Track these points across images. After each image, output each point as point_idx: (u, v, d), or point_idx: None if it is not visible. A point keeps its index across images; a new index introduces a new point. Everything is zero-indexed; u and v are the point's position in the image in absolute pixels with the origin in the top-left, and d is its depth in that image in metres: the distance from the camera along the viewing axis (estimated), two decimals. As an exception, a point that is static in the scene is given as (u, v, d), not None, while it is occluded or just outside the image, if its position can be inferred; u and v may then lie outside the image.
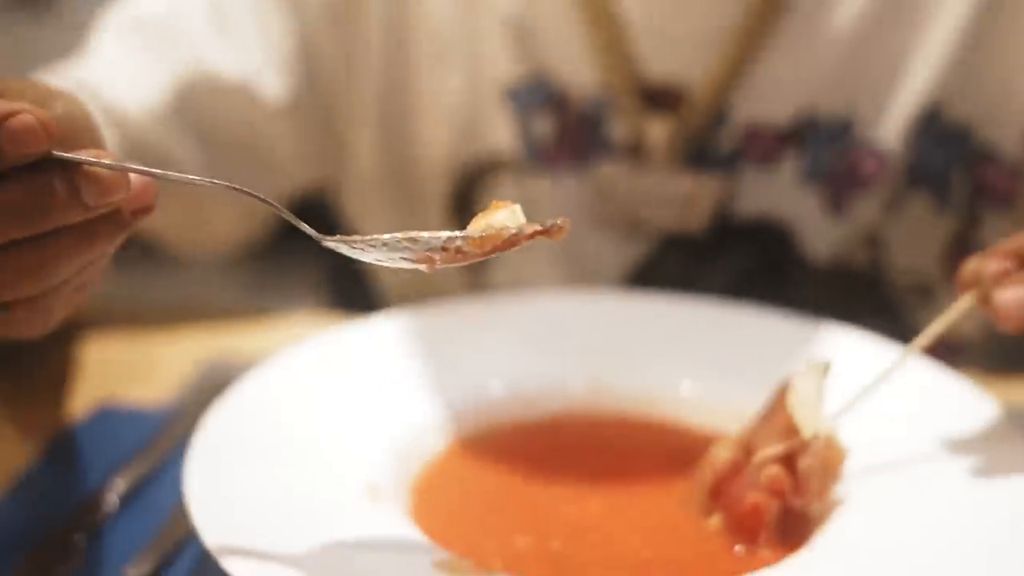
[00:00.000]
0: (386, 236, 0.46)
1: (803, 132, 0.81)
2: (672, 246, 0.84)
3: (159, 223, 0.83)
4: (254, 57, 0.84)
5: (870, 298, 0.84)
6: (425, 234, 0.46)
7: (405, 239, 0.46)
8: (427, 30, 0.85)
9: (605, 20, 0.80)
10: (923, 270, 0.83)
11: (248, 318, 0.83)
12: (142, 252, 0.82)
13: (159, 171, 0.45)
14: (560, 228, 0.48)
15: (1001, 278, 0.54)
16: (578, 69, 0.82)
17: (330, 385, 0.63)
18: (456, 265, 0.47)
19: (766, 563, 0.52)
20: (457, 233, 0.46)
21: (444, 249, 0.46)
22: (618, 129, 0.82)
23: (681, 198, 0.82)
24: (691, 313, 0.72)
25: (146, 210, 0.46)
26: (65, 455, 0.65)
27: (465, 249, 0.46)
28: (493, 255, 0.47)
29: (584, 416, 0.66)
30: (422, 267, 0.46)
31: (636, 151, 0.82)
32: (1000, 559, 0.48)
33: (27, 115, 0.41)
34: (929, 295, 0.84)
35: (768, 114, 0.81)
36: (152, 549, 0.54)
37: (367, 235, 0.47)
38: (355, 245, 0.47)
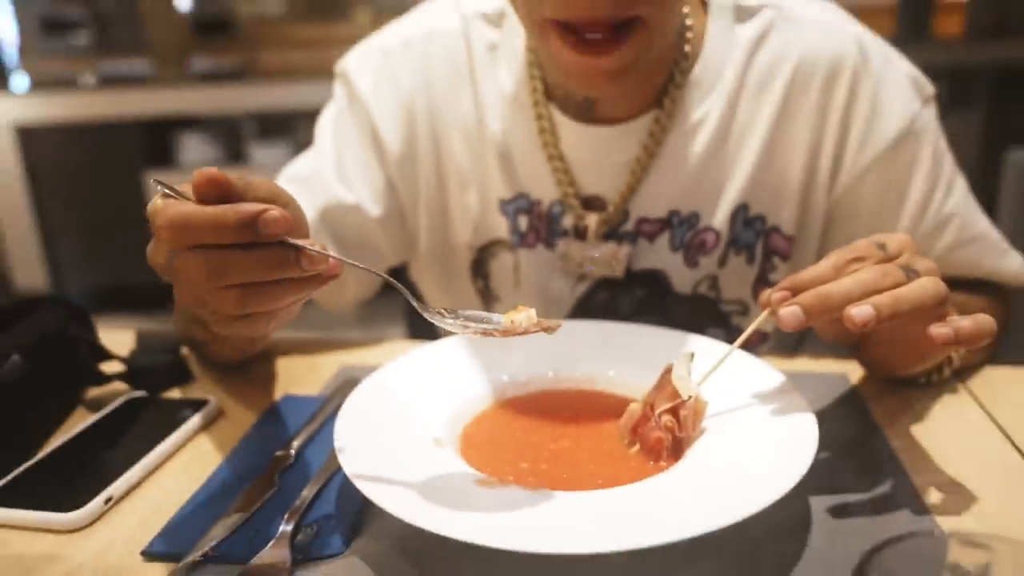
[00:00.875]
0: (452, 321, 0.49)
1: (671, 221, 0.78)
2: (602, 286, 0.81)
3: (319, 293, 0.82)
4: (362, 191, 0.81)
5: (713, 315, 0.81)
6: (473, 323, 0.49)
7: (463, 322, 0.49)
8: (453, 166, 0.82)
9: (558, 159, 0.77)
10: (742, 298, 0.80)
11: (364, 343, 0.81)
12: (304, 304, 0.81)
13: (346, 259, 0.47)
14: (554, 328, 0.50)
15: (782, 300, 0.52)
16: (544, 188, 0.79)
17: (414, 380, 0.62)
18: (488, 337, 0.49)
19: (664, 470, 0.51)
20: (494, 326, 0.49)
21: (484, 332, 0.48)
22: (568, 221, 0.79)
23: (607, 259, 0.79)
24: (612, 329, 0.70)
25: (334, 276, 0.46)
26: (267, 424, 0.64)
27: (495, 333, 0.48)
28: (511, 337, 0.49)
29: (555, 391, 0.65)
30: (471, 334, 0.49)
31: (580, 233, 0.79)
32: (784, 458, 0.48)
33: (276, 210, 0.42)
34: (746, 312, 0.81)
35: (651, 212, 0.78)
36: (317, 478, 0.54)
37: (441, 308, 0.50)
38: (438, 319, 0.49)
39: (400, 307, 0.62)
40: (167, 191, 0.45)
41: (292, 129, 3.31)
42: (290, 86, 3.13)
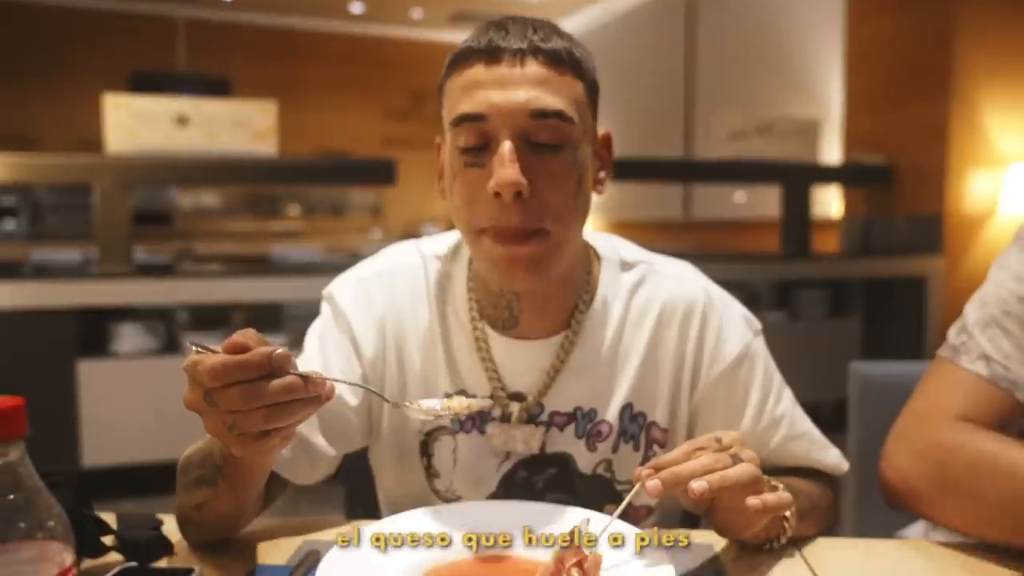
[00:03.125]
0: (424, 413, 0.77)
1: (576, 415, 0.97)
2: (521, 466, 0.97)
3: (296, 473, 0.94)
4: (344, 388, 0.96)
5: (609, 492, 0.98)
6: (425, 413, 0.77)
7: (423, 412, 0.76)
8: (411, 368, 1.00)
9: (490, 363, 0.96)
10: (631, 479, 0.91)
11: (316, 525, 0.92)
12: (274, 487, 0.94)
13: (338, 379, 0.69)
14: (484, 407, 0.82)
15: (648, 475, 0.71)
16: (479, 386, 0.97)
17: (363, 554, 0.74)
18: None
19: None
20: (441, 409, 0.77)
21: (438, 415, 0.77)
22: (496, 411, 0.97)
23: (526, 437, 0.96)
24: (529, 507, 0.84)
25: (330, 397, 0.64)
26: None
27: (444, 412, 0.78)
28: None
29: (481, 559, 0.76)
30: (430, 418, 0.80)
31: (505, 418, 0.97)
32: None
33: (282, 349, 0.60)
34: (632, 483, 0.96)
35: (560, 407, 0.97)
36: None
37: (417, 404, 0.77)
38: (409, 411, 0.77)
39: (340, 494, 0.76)
40: (201, 348, 0.64)
41: (225, 321, 3.44)
42: (225, 280, 3.31)
